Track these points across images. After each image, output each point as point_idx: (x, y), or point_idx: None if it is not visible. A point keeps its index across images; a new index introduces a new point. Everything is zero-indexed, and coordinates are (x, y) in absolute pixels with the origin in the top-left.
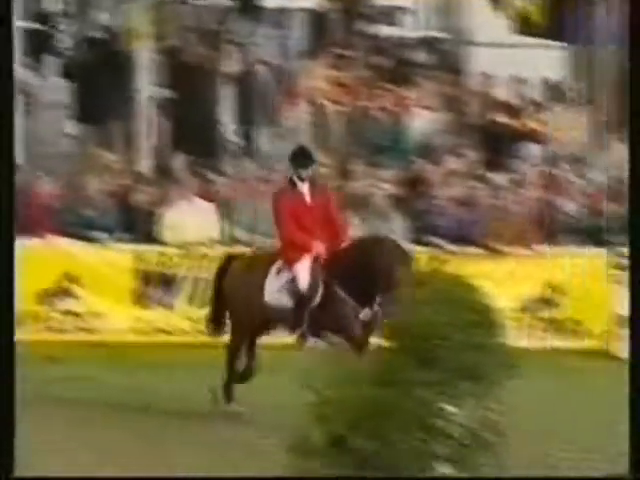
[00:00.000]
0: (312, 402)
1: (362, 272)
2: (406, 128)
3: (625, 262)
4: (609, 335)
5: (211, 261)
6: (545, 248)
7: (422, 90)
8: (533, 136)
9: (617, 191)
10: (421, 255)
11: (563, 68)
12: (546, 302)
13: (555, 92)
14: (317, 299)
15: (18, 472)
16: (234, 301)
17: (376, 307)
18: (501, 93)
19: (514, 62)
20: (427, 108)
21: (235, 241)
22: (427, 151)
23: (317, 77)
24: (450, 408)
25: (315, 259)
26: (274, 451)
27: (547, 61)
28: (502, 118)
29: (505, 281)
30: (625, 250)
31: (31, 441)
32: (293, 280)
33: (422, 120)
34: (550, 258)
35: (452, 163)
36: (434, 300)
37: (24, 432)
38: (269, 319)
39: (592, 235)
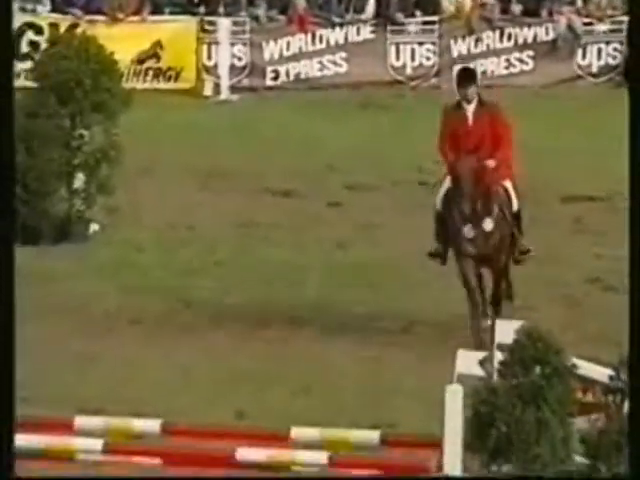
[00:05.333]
0: None
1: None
2: None
3: (209, 27)
4: (198, 80)
5: None
6: (152, 16)
7: None
8: None
9: None
10: (62, 22)
11: None
12: (152, 55)
13: None
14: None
15: None
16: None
17: (487, 224)
18: None
19: None
20: None
21: None
22: None
23: None
24: (85, 132)
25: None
26: None
27: None
28: None
29: (122, 40)
30: (210, 18)
31: None
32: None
33: None
34: (155, 23)
35: None
36: (70, 54)
37: None
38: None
39: (184, 7)
